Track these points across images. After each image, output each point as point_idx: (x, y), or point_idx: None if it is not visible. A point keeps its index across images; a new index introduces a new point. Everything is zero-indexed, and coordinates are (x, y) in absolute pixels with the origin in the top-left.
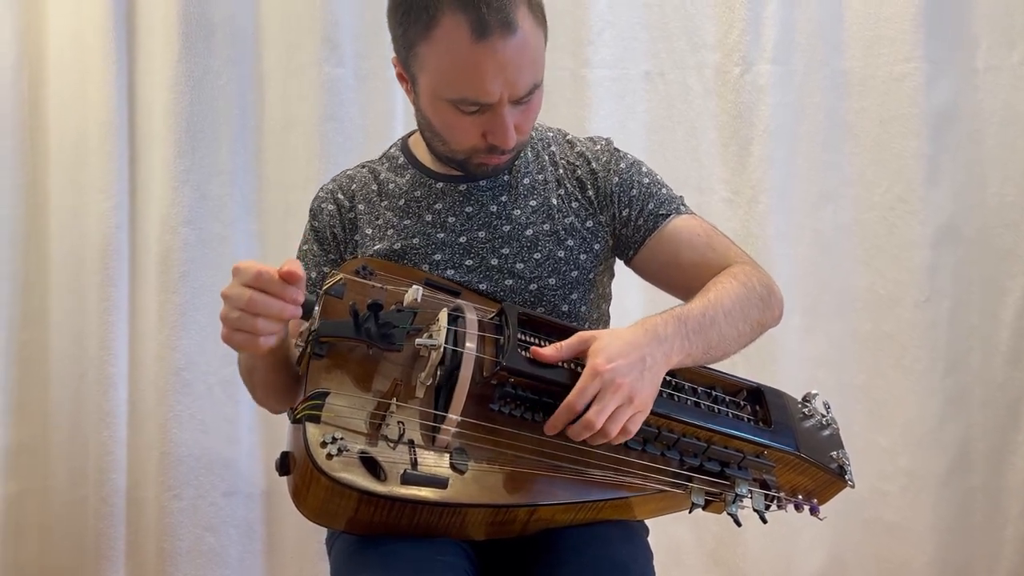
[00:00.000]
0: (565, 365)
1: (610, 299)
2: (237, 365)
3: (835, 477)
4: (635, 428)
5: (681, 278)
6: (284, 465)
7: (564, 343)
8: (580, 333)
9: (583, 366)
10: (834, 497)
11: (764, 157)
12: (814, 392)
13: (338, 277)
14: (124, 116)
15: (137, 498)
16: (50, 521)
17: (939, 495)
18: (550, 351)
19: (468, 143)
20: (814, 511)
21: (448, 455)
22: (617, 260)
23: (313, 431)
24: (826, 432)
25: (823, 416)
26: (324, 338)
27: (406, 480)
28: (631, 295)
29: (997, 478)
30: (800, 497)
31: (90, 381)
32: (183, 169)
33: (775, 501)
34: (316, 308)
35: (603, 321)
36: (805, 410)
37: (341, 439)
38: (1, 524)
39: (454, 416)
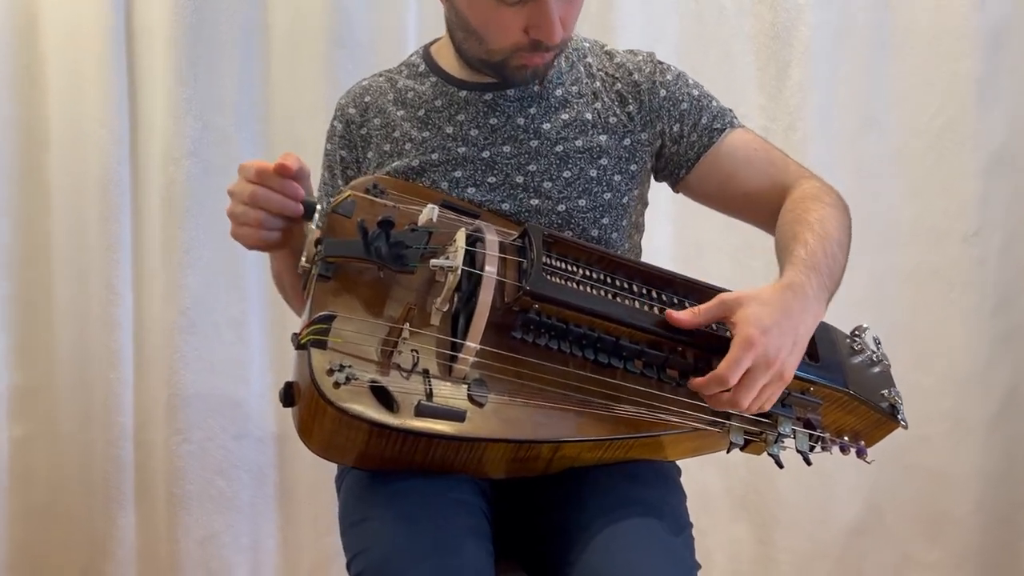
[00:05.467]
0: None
1: (643, 230)
2: (272, 276)
3: (886, 417)
4: (773, 401)
5: (740, 197)
6: (288, 396)
7: (703, 308)
8: (721, 296)
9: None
10: (883, 439)
11: (803, 81)
12: (864, 326)
13: (346, 194)
14: (122, 43)
15: (145, 441)
16: (58, 465)
17: (985, 440)
18: (687, 316)
19: (509, 40)
20: (861, 453)
21: (466, 386)
22: (651, 188)
23: (319, 358)
24: (876, 369)
25: (873, 352)
26: (331, 258)
27: (420, 412)
28: (660, 228)
29: None
30: (846, 438)
31: (94, 321)
32: (185, 99)
33: (819, 442)
34: (318, 207)
35: (635, 253)
36: (854, 345)
37: (349, 367)
38: (9, 468)
39: (473, 344)
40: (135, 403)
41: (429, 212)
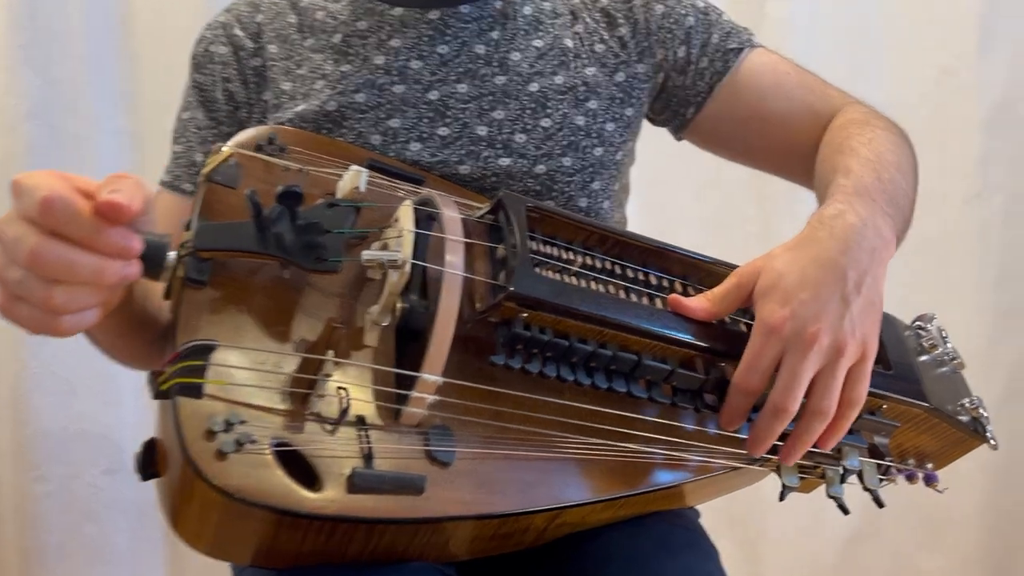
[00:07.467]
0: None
1: (630, 193)
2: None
3: (969, 435)
4: (864, 390)
5: (771, 137)
6: (148, 463)
7: (717, 292)
8: (735, 272)
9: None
10: (956, 460)
11: (782, 20)
12: (930, 314)
13: (227, 153)
14: None
15: None
16: None
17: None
18: (701, 304)
19: None
20: (931, 480)
21: (422, 438)
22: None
23: (191, 412)
24: (945, 370)
25: (944, 350)
26: (206, 252)
27: (356, 486)
28: None
29: None
30: (911, 462)
31: None
32: (20, 44)
33: (886, 473)
34: (169, 256)
35: (623, 225)
36: (922, 340)
37: (241, 423)
38: None
39: (431, 376)
40: None
41: (354, 178)
